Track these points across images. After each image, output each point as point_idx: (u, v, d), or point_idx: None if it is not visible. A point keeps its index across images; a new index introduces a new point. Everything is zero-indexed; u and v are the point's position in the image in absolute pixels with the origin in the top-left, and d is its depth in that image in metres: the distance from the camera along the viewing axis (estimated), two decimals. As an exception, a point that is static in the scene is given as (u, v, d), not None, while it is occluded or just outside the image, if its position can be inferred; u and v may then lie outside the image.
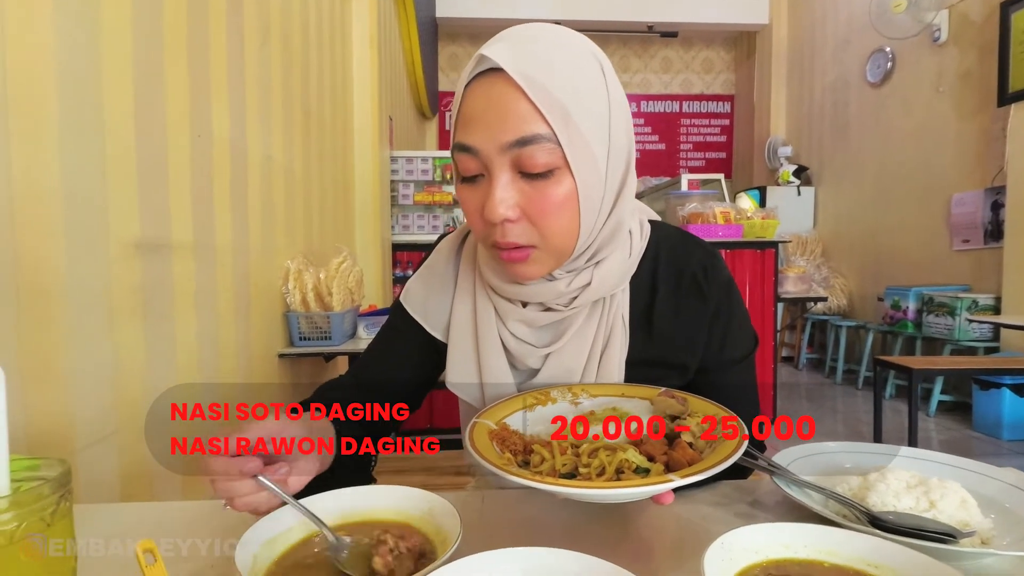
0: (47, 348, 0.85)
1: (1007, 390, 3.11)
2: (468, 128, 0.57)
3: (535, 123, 0.54)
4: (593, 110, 0.57)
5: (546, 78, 0.54)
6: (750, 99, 6.57)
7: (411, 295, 0.76)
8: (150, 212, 1.10)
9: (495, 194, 0.56)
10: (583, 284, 0.63)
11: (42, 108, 0.84)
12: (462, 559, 0.37)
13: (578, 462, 0.49)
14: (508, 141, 0.54)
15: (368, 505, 0.49)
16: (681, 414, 0.54)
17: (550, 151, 0.55)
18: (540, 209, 0.57)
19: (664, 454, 0.49)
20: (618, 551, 0.50)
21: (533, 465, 0.51)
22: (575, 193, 0.57)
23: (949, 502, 0.50)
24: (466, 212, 0.62)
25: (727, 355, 0.70)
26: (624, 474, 0.47)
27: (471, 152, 0.57)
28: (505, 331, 0.67)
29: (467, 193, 0.61)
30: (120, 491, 1.01)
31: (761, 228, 3.39)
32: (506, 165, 0.56)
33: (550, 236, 0.58)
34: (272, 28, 1.77)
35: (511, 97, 0.54)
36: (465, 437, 0.53)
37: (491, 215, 0.56)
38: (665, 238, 0.72)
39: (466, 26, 6.23)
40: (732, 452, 0.44)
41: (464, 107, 0.58)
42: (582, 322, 0.66)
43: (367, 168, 2.94)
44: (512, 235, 0.58)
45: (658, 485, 0.42)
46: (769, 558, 0.41)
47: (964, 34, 3.82)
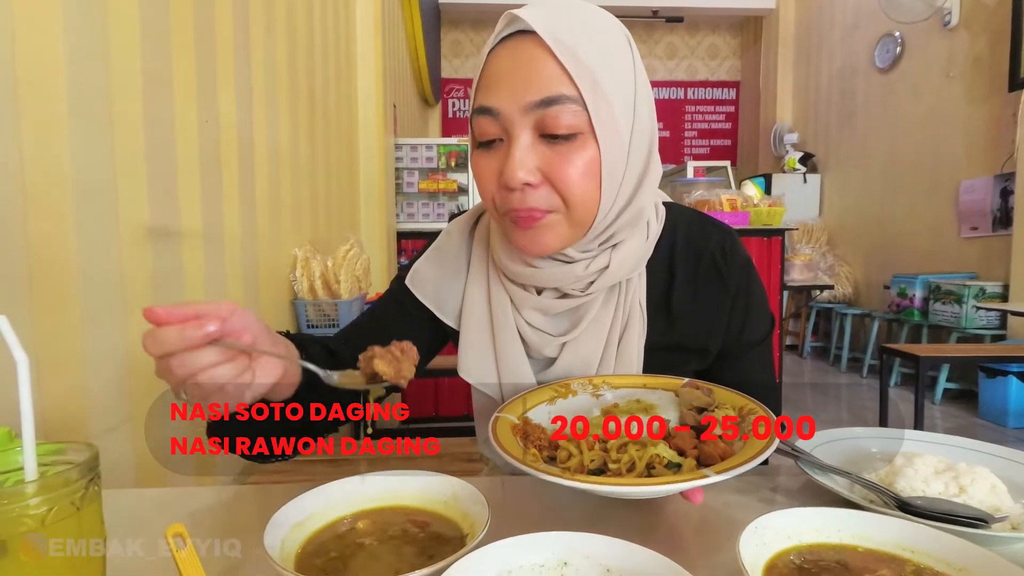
0: (62, 334, 0.85)
1: (1013, 378, 3.10)
2: (490, 89, 0.55)
3: (562, 85, 0.53)
4: (621, 84, 0.55)
5: (577, 43, 0.53)
6: (756, 85, 6.51)
7: (419, 279, 0.72)
8: (160, 199, 1.09)
9: (515, 156, 0.54)
10: (601, 267, 0.61)
11: (52, 96, 0.83)
12: (500, 542, 0.37)
13: (607, 457, 0.48)
14: (533, 101, 0.53)
15: (391, 491, 0.49)
16: (708, 406, 0.53)
17: (575, 113, 0.53)
18: (562, 173, 0.54)
19: (694, 448, 0.48)
20: (646, 537, 0.50)
21: (560, 461, 0.50)
22: (598, 161, 0.55)
23: (979, 487, 0.49)
24: (481, 180, 0.59)
25: (746, 338, 0.69)
26: (656, 469, 0.46)
27: (491, 114, 0.55)
28: (521, 320, 0.65)
29: (483, 160, 0.58)
30: (135, 476, 1.01)
31: (767, 216, 3.37)
32: (528, 127, 0.54)
33: (571, 202, 0.55)
34: (277, 14, 1.75)
35: (539, 59, 0.53)
36: (489, 432, 0.52)
37: (510, 178, 0.54)
38: (682, 220, 0.70)
39: (469, 12, 6.17)
40: (766, 447, 0.44)
41: (487, 69, 0.56)
42: (599, 309, 0.65)
43: (372, 156, 2.92)
44: (531, 200, 0.55)
45: (693, 481, 0.42)
46: (803, 542, 0.40)
47: (975, 18, 3.76)
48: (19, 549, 0.33)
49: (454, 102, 6.67)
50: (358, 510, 0.47)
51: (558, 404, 0.60)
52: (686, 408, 0.53)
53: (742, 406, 0.53)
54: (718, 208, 3.39)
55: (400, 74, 3.77)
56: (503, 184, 0.55)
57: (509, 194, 0.56)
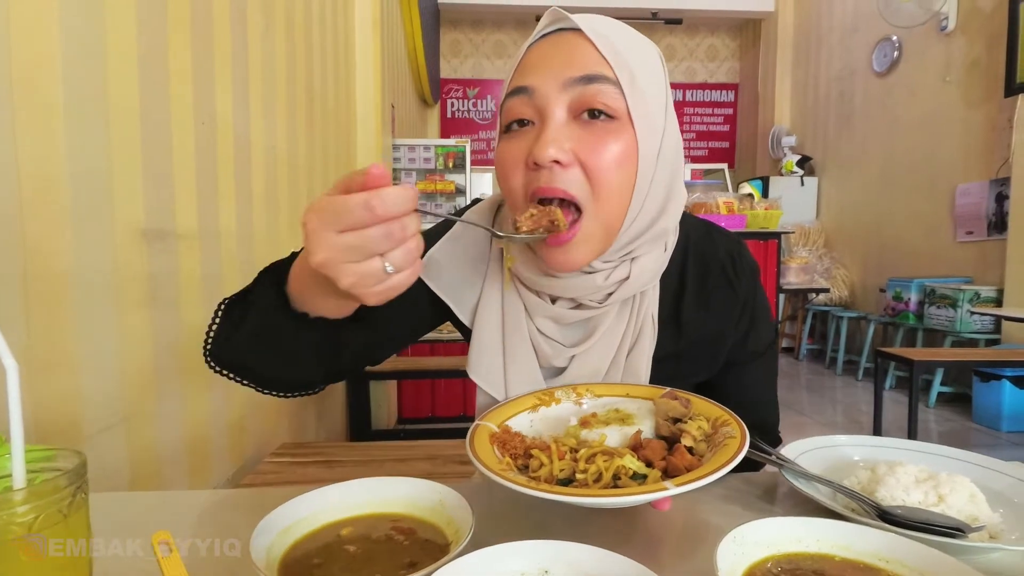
0: (55, 334, 0.85)
1: (1007, 382, 3.12)
2: (527, 72, 0.55)
3: (603, 68, 0.53)
4: (655, 89, 0.56)
5: (617, 41, 0.54)
6: (754, 88, 6.52)
7: (435, 272, 0.67)
8: (155, 199, 1.10)
9: (548, 132, 0.52)
10: (620, 278, 0.60)
11: (47, 95, 0.83)
12: (481, 550, 0.37)
13: (576, 467, 0.49)
14: (573, 76, 0.52)
15: (377, 498, 0.49)
16: (683, 416, 0.54)
17: (614, 96, 0.53)
18: (597, 156, 0.52)
19: (663, 459, 0.49)
20: (629, 545, 0.50)
21: (532, 470, 0.51)
22: (634, 151, 0.53)
23: (958, 497, 0.50)
24: (505, 165, 0.56)
25: (750, 346, 0.69)
26: (621, 480, 0.47)
27: (526, 93, 0.54)
28: (533, 328, 0.64)
29: (510, 144, 0.56)
30: (129, 478, 1.02)
31: (764, 218, 3.39)
32: (564, 105, 0.53)
33: (600, 191, 0.53)
34: (275, 14, 1.75)
35: (581, 46, 0.54)
36: (467, 440, 0.52)
37: (540, 153, 0.51)
38: (692, 229, 0.70)
39: (468, 12, 6.16)
40: (729, 459, 0.44)
41: (525, 59, 0.56)
42: (612, 321, 0.64)
43: (369, 155, 2.92)
44: (560, 181, 0.52)
45: (652, 494, 0.42)
46: (781, 552, 0.41)
47: (972, 23, 3.78)
48: (6, 556, 0.33)
49: (453, 102, 6.66)
50: (344, 517, 0.47)
51: (541, 412, 0.60)
52: (661, 419, 0.54)
53: (716, 417, 0.53)
54: (715, 211, 3.41)
55: (398, 74, 3.77)
56: (531, 162, 0.53)
57: (536, 173, 0.53)
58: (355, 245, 0.39)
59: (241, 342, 0.56)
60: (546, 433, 0.57)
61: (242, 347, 0.56)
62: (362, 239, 0.39)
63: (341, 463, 1.47)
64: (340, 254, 0.39)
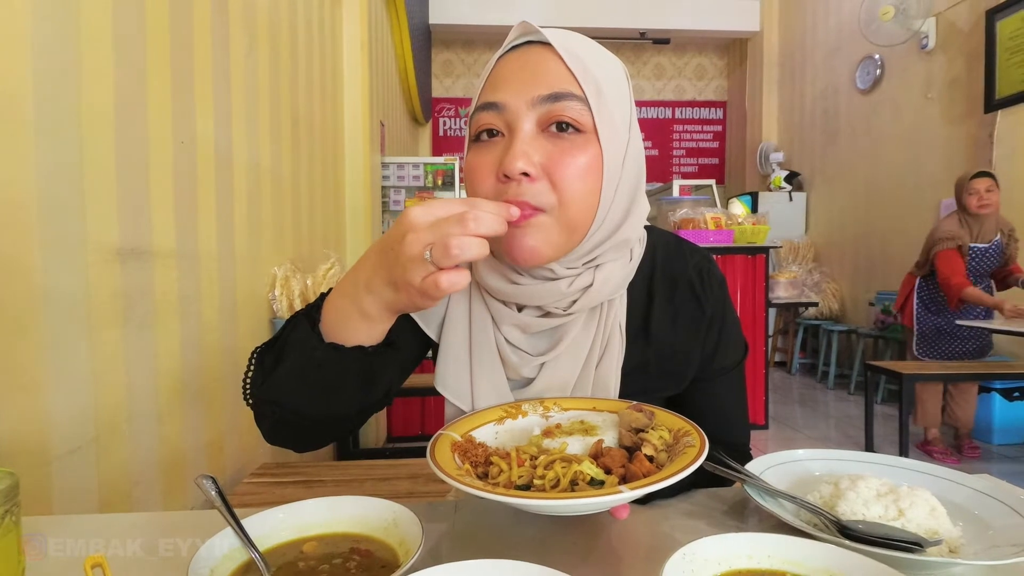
0: (21, 355, 0.84)
1: (997, 395, 3.13)
2: (497, 87, 0.57)
3: (570, 85, 0.55)
4: (620, 103, 0.58)
5: (585, 56, 0.56)
6: (742, 105, 6.61)
7: None
8: (130, 218, 1.09)
9: (517, 145, 0.54)
10: (584, 286, 0.61)
11: (16, 110, 0.83)
12: (422, 571, 0.37)
13: (534, 474, 0.49)
14: (541, 95, 0.55)
15: (329, 517, 0.48)
16: (645, 427, 0.53)
17: (581, 112, 0.55)
18: (562, 167, 0.54)
19: (622, 467, 0.49)
20: (588, 561, 0.50)
21: (491, 477, 0.51)
22: (599, 163, 0.56)
23: (918, 510, 0.49)
24: (474, 175, 0.58)
25: (718, 363, 0.69)
26: (578, 486, 0.47)
27: (496, 108, 0.56)
28: (500, 337, 0.64)
29: (479, 155, 0.57)
30: (99, 499, 1.00)
31: (752, 233, 3.40)
32: (532, 120, 0.55)
33: (566, 200, 0.55)
34: (259, 31, 1.77)
35: (550, 61, 0.56)
36: (428, 448, 0.52)
37: (510, 166, 0.53)
38: (660, 243, 0.71)
39: (459, 33, 6.25)
40: (687, 465, 0.44)
41: (495, 72, 0.58)
42: (579, 330, 0.64)
43: (358, 174, 2.93)
44: (526, 194, 0.54)
45: (608, 497, 0.42)
46: (731, 568, 0.40)
47: (951, 41, 3.86)
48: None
49: (445, 121, 6.72)
50: (293, 538, 0.46)
51: (507, 424, 0.60)
52: (624, 429, 0.54)
53: (679, 428, 0.53)
54: (703, 226, 3.42)
55: (389, 93, 3.81)
56: (500, 174, 0.55)
57: (504, 185, 0.55)
58: (435, 219, 0.44)
59: (279, 382, 0.57)
60: (510, 444, 0.56)
61: (281, 386, 0.57)
62: (440, 215, 0.45)
63: (321, 483, 1.44)
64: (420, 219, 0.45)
